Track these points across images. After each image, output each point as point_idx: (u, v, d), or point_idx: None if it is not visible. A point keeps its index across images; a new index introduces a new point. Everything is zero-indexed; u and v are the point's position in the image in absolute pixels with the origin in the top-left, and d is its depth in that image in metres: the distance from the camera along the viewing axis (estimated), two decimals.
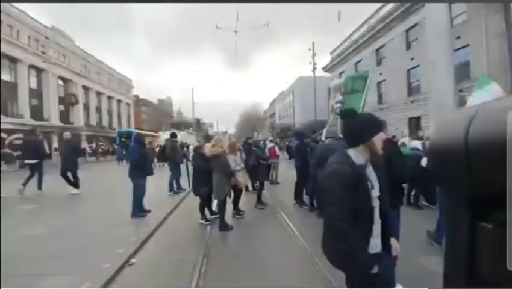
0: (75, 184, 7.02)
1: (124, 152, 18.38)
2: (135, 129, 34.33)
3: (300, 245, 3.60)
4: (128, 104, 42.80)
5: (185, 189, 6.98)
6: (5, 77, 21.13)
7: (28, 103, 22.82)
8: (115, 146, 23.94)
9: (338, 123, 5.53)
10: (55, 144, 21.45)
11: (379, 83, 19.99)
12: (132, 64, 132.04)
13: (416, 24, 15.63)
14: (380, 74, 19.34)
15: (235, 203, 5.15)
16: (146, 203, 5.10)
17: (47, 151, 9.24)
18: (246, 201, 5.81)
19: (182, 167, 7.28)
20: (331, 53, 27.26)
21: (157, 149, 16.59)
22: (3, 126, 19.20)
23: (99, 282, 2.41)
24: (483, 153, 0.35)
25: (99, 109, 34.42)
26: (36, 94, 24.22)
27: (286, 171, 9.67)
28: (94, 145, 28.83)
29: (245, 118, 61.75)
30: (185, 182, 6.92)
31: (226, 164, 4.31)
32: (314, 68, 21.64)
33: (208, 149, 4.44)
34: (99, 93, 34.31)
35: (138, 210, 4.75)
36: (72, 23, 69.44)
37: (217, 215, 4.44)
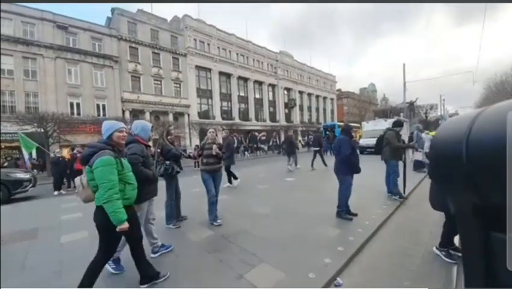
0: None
1: (328, 145, 19.34)
2: (339, 121, 36.20)
3: None
4: (332, 99, 46.22)
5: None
6: (257, 95, 32.02)
7: (267, 111, 32.85)
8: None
9: None
10: (282, 138, 29.28)
11: None
12: (337, 61, 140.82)
13: None
14: None
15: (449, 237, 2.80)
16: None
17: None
18: None
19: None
20: None
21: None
22: (254, 128, 29.83)
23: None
24: (484, 159, 0.35)
25: (309, 108, 40.81)
26: (272, 103, 34.06)
27: None
28: (306, 138, 34.77)
29: (496, 89, 38.86)
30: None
31: None
32: None
33: None
34: (310, 94, 40.62)
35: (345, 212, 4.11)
36: (291, 41, 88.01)
37: None
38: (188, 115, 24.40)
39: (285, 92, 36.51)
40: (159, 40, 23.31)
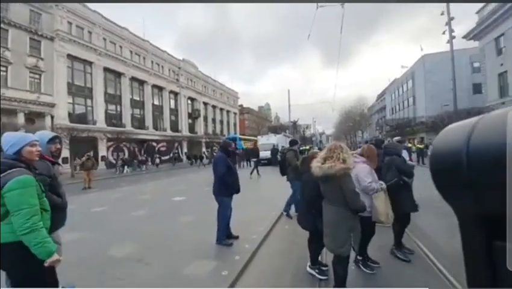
0: None
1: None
2: (241, 134, 38.23)
3: None
4: (235, 113, 48.67)
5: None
6: (156, 101, 28.69)
7: (168, 119, 30.03)
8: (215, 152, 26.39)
9: None
10: (185, 149, 27.24)
11: None
12: (239, 78, 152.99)
13: None
14: None
15: (362, 248, 2.84)
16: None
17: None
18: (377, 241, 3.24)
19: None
20: (478, 12, 19.42)
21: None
22: (153, 137, 26.43)
23: None
24: (484, 166, 0.35)
25: (214, 120, 40.92)
26: (174, 112, 31.51)
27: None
28: (210, 150, 34.24)
29: (346, 116, 56.08)
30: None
31: (351, 190, 2.14)
32: (452, 37, 15.65)
33: (316, 164, 2.23)
34: (214, 107, 40.85)
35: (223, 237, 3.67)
36: (195, 52, 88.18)
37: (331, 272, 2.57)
38: (52, 117, 18.25)
39: (189, 102, 34.97)
40: (8, 11, 16.59)
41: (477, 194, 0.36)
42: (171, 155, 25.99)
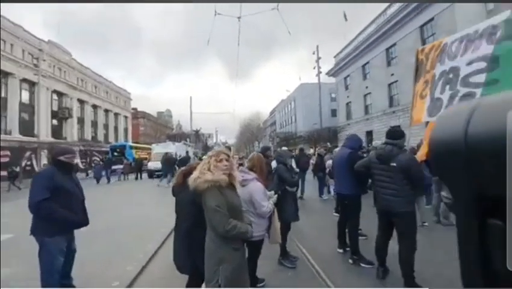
0: None
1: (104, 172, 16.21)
2: (134, 142, 33.10)
3: None
4: (126, 117, 41.78)
5: None
6: None
7: (17, 118, 21.59)
8: (97, 162, 20.49)
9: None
10: (44, 161, 20.05)
11: (390, 84, 18.78)
12: (136, 79, 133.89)
13: (432, 19, 14.59)
14: (392, 74, 18.19)
15: (251, 269, 2.50)
16: None
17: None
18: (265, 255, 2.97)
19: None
20: (335, 56, 26.31)
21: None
22: None
23: None
24: (483, 149, 0.36)
25: (95, 123, 33.24)
26: (27, 108, 23.03)
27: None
28: (88, 160, 27.31)
29: (245, 127, 61.00)
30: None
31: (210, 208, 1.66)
32: (319, 72, 20.47)
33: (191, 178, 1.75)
34: (96, 107, 33.28)
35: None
36: (72, 37, 70.12)
37: None
38: None
39: (55, 97, 26.76)
40: None
41: (475, 176, 0.38)
42: (9, 169, 14.88)
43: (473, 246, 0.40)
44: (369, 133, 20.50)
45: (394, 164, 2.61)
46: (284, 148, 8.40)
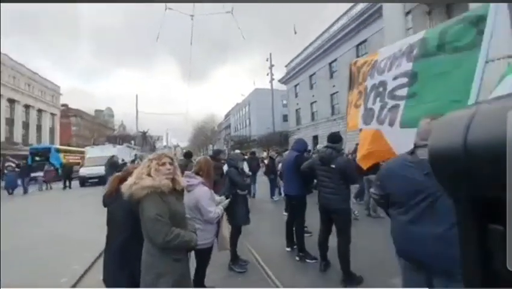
0: None
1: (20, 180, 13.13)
2: (63, 145, 28.42)
3: None
4: (53, 114, 35.66)
5: None
6: None
7: None
8: (11, 168, 16.02)
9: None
10: None
11: (332, 95, 20.90)
12: (69, 71, 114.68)
13: (365, 40, 16.89)
14: (333, 86, 20.29)
15: (199, 278, 2.50)
16: None
17: None
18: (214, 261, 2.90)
19: None
20: (286, 66, 27.91)
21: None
22: None
23: None
24: (483, 155, 0.36)
25: (10, 121, 27.35)
26: None
27: None
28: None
29: (199, 130, 58.96)
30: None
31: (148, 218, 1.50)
32: (272, 79, 21.42)
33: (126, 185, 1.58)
34: (13, 101, 27.45)
35: None
36: None
37: None
38: None
39: None
40: None
41: (475, 182, 0.38)
42: None
43: (473, 248, 0.40)
44: (315, 138, 22.33)
45: (333, 166, 2.90)
46: (237, 151, 8.47)
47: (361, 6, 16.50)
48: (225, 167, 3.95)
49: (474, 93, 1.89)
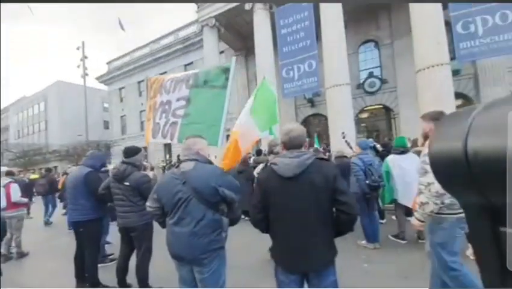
0: None
1: None
2: None
3: None
4: None
5: None
6: None
7: None
8: None
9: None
10: None
11: None
12: None
13: (192, 63, 18.41)
14: None
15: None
16: None
17: None
18: None
19: None
20: (108, 63, 23.62)
21: None
22: None
23: None
24: (484, 159, 0.36)
25: None
26: None
27: None
28: None
29: None
30: None
31: None
32: (85, 74, 16.86)
33: None
34: None
35: None
36: None
37: None
38: None
39: None
40: None
41: (480, 188, 0.37)
42: None
43: (487, 252, 0.40)
44: (146, 149, 20.63)
45: (127, 183, 2.70)
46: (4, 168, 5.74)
47: (191, 29, 17.92)
48: None
49: (223, 120, 2.73)
